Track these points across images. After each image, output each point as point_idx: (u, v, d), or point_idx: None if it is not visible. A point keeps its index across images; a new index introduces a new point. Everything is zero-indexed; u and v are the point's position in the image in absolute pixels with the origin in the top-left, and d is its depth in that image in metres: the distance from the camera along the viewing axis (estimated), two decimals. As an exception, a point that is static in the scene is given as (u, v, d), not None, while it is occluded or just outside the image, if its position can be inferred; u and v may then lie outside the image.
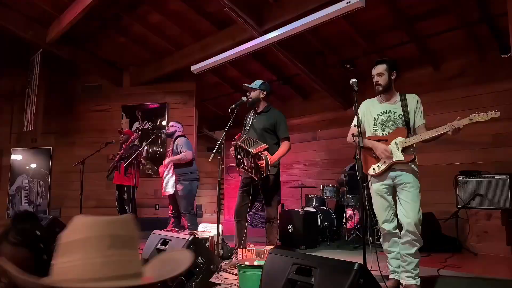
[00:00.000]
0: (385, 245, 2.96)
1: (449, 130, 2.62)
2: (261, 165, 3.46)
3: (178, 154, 4.83)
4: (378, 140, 2.92)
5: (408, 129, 2.83)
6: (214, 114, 9.25)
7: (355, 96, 2.80)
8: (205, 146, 10.65)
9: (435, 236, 4.76)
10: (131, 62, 7.40)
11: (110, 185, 7.12)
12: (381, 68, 2.94)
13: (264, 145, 3.55)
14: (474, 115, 2.61)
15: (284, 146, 3.82)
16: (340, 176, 6.31)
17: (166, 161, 4.91)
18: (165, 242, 2.91)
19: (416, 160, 2.86)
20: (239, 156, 3.74)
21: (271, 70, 6.86)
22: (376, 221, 4.97)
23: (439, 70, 5.77)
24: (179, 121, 5.19)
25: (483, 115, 2.59)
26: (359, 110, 3.13)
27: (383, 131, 2.93)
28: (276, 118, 3.86)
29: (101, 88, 7.60)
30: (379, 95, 3.03)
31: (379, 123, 2.96)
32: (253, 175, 3.59)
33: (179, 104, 7.30)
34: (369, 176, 3.01)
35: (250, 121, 3.98)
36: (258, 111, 3.96)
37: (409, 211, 2.74)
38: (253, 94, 3.93)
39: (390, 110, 2.92)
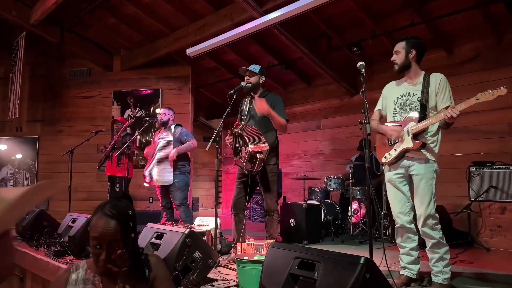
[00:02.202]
0: (398, 240, 2.96)
1: (445, 117, 2.60)
2: (256, 165, 3.48)
3: (181, 142, 4.84)
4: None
5: (423, 113, 2.78)
6: (211, 101, 9.23)
7: (362, 80, 2.78)
8: (202, 136, 10.64)
9: (446, 231, 4.77)
10: (122, 45, 7.35)
11: (101, 176, 7.15)
12: (399, 45, 2.91)
13: (265, 147, 3.53)
14: (481, 94, 2.57)
15: (282, 121, 3.73)
16: (345, 169, 6.34)
17: (172, 153, 4.79)
18: (159, 235, 2.92)
19: (435, 148, 2.80)
20: (237, 144, 3.74)
21: (272, 53, 6.83)
22: (385, 214, 5.04)
23: (452, 53, 5.75)
24: (170, 107, 5.17)
25: (489, 93, 2.56)
26: (382, 93, 3.12)
27: (401, 115, 2.90)
28: (273, 100, 3.81)
29: (90, 73, 7.57)
30: (404, 77, 2.98)
31: (398, 106, 2.93)
32: (244, 165, 3.60)
33: (173, 90, 7.28)
34: (384, 166, 3.01)
35: (247, 108, 3.97)
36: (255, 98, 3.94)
37: (418, 205, 2.75)
38: (252, 79, 3.90)
39: (409, 93, 2.89)
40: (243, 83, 3.86)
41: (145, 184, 4.98)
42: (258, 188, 3.91)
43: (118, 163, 5.37)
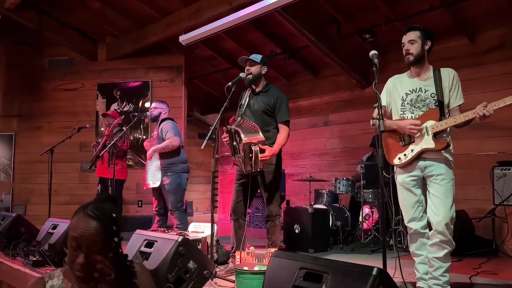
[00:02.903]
0: (412, 247, 2.98)
1: (476, 116, 2.63)
2: (251, 160, 3.47)
3: (164, 140, 4.83)
4: None
5: (442, 110, 2.81)
6: (207, 94, 9.23)
7: (375, 71, 2.77)
8: (196, 132, 10.66)
9: (468, 238, 4.80)
10: (108, 32, 7.35)
11: (85, 177, 7.18)
12: (413, 34, 2.91)
13: (260, 137, 3.55)
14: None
15: (283, 132, 3.80)
16: (356, 169, 6.34)
17: (148, 153, 4.90)
18: (149, 243, 2.93)
19: (451, 148, 2.85)
20: (234, 143, 3.74)
21: (274, 41, 6.82)
22: (399, 219, 5.04)
23: (474, 41, 5.74)
24: (163, 101, 5.18)
25: None
26: (385, 87, 3.12)
27: (412, 113, 2.91)
28: (276, 98, 3.84)
29: (72, 63, 7.58)
30: (409, 71, 3.00)
31: (407, 103, 2.94)
32: (242, 167, 3.60)
33: (164, 82, 7.28)
34: (394, 167, 3.02)
35: (246, 102, 3.97)
36: (257, 90, 3.95)
37: (439, 207, 2.75)
38: (253, 70, 3.89)
39: (420, 88, 2.91)
40: (242, 74, 3.85)
41: (145, 188, 5.05)
42: (259, 191, 3.92)
43: (110, 163, 5.38)
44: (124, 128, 5.52)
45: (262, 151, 3.52)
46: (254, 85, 3.95)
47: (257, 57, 3.93)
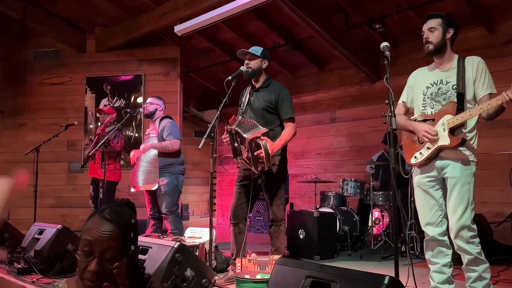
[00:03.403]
0: (427, 254, 2.96)
1: (503, 102, 2.58)
2: (260, 155, 3.47)
3: (164, 139, 4.85)
4: (425, 121, 2.89)
5: (461, 103, 2.77)
6: (204, 88, 9.24)
7: (386, 64, 2.77)
8: (192, 130, 10.69)
9: (486, 244, 4.78)
10: (97, 22, 7.35)
11: (72, 178, 7.19)
12: (434, 22, 2.88)
13: (263, 129, 3.57)
14: None
15: (288, 129, 3.82)
16: (365, 170, 6.35)
17: (144, 146, 4.89)
18: (144, 250, 2.94)
19: (473, 144, 2.80)
20: (235, 144, 3.76)
21: (277, 31, 6.82)
22: (412, 224, 5.05)
23: (493, 31, 5.73)
24: (160, 97, 5.18)
25: None
26: (407, 82, 3.12)
27: (432, 108, 2.89)
28: (278, 93, 3.85)
29: (59, 55, 7.58)
30: (433, 63, 2.97)
31: (428, 97, 2.93)
32: (253, 168, 3.61)
33: (158, 75, 7.29)
34: (413, 168, 3.01)
35: (247, 100, 3.99)
36: (257, 86, 3.97)
37: (451, 214, 2.75)
38: (253, 64, 3.90)
39: (441, 80, 2.89)
40: (243, 68, 3.86)
41: (132, 189, 5.02)
42: (262, 193, 3.93)
43: (102, 163, 5.39)
44: (115, 125, 5.53)
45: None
46: (253, 80, 3.97)
47: (257, 49, 3.93)
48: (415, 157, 2.92)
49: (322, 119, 7.74)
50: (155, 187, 4.78)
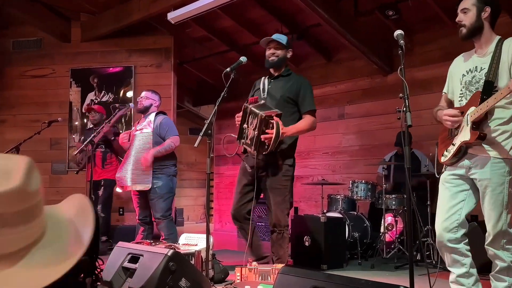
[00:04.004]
0: (446, 261, 2.94)
1: None
2: (268, 136, 3.51)
3: (161, 137, 4.85)
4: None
5: (486, 93, 2.70)
6: (200, 81, 9.24)
7: (400, 54, 2.76)
8: (187, 127, 10.68)
9: None
10: (83, 8, 7.34)
11: (56, 180, 7.18)
12: (466, 2, 2.84)
13: (276, 111, 3.63)
14: None
15: (305, 120, 3.92)
16: (377, 171, 6.36)
17: (149, 156, 4.80)
18: (134, 258, 2.94)
19: (507, 141, 2.70)
20: (244, 125, 3.80)
21: (280, 19, 6.82)
22: (428, 230, 5.04)
23: (518, 19, 5.73)
24: (156, 92, 5.19)
25: None
26: (449, 69, 3.11)
27: (466, 98, 2.87)
28: (300, 84, 3.99)
29: (41, 45, 7.57)
30: (474, 47, 2.94)
31: (463, 87, 2.91)
32: (251, 149, 3.63)
33: (150, 67, 7.29)
34: (444, 167, 3.00)
35: (266, 88, 4.08)
36: (276, 75, 4.08)
37: (486, 220, 2.73)
38: (280, 52, 4.02)
39: (476, 67, 2.85)
40: (243, 58, 3.88)
41: (118, 190, 5.02)
42: (262, 195, 3.96)
43: (104, 164, 5.41)
44: (104, 122, 5.55)
45: None
46: (275, 69, 4.07)
47: (282, 38, 4.06)
48: (444, 155, 2.92)
49: (329, 115, 7.73)
50: (146, 188, 4.78)
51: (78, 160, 6.00)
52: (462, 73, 2.93)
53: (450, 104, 3.09)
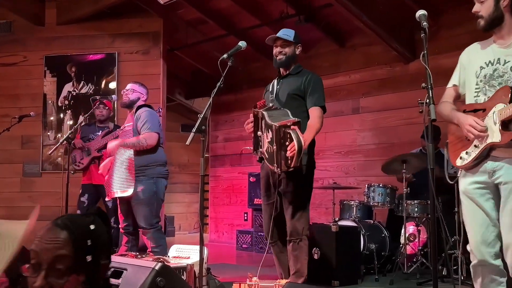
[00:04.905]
0: (477, 283, 2.91)
1: None
2: (291, 149, 3.49)
3: (138, 133, 4.85)
4: (475, 111, 2.85)
5: None
6: (194, 71, 9.25)
7: (423, 38, 2.76)
8: (179, 123, 10.69)
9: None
10: (59, -14, 7.36)
11: (28, 184, 7.18)
12: None
13: (293, 119, 3.65)
14: None
15: (314, 115, 3.96)
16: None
17: (113, 144, 4.89)
18: (117, 272, 2.94)
19: None
20: (259, 132, 3.83)
21: (285, -2, 6.83)
22: (455, 241, 5.04)
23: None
24: (143, 84, 5.19)
25: None
26: (459, 60, 3.11)
27: (485, 94, 2.86)
28: (308, 77, 4.06)
29: (11, 28, 7.58)
30: (492, 37, 2.93)
31: (481, 81, 2.89)
32: (274, 166, 3.64)
33: (136, 54, 7.28)
34: (459, 171, 2.99)
35: (275, 89, 4.19)
36: (285, 74, 4.18)
37: (506, 229, 2.72)
38: (288, 50, 4.09)
39: (499, 59, 2.84)
40: (242, 43, 3.88)
41: (106, 199, 5.06)
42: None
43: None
44: (81, 117, 5.59)
45: None
46: (285, 68, 4.16)
47: (289, 33, 4.13)
48: (461, 157, 2.89)
49: (342, 109, 7.73)
50: (128, 193, 4.78)
51: (77, 160, 5.98)
52: (480, 65, 2.91)
53: (458, 98, 3.09)
